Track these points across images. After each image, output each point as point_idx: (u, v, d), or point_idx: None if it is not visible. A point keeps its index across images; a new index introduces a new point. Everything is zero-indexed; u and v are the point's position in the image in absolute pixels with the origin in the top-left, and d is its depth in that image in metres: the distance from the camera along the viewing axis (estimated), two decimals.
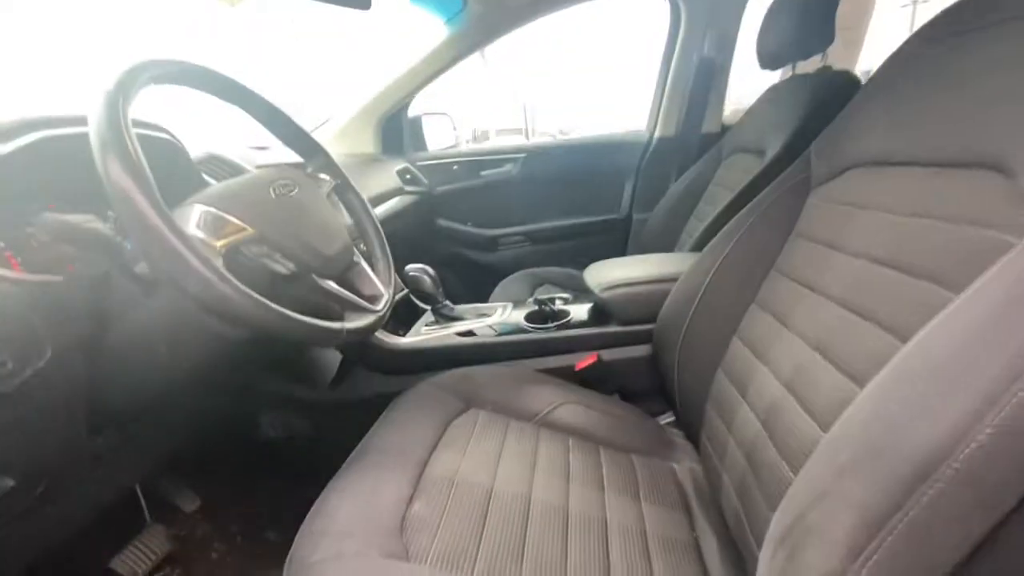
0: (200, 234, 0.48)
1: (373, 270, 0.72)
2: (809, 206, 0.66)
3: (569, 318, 0.97)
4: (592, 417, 0.82)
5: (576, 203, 1.75)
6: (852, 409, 0.37)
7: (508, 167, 1.74)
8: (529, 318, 0.99)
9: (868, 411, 0.35)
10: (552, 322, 0.98)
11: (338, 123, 1.64)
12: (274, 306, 0.47)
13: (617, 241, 1.75)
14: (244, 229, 0.51)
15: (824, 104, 1.01)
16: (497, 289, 1.51)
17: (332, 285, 0.59)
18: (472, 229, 1.78)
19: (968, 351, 0.31)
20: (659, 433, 0.83)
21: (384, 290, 0.69)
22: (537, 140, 2.04)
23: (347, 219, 0.78)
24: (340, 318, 0.60)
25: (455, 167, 1.75)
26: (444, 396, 0.81)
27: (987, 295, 0.33)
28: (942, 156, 0.46)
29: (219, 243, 0.48)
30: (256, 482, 1.09)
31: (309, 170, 0.73)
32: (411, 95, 1.63)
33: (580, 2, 1.45)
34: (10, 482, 0.51)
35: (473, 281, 1.81)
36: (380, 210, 1.42)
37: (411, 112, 1.74)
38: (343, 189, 0.75)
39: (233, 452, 1.09)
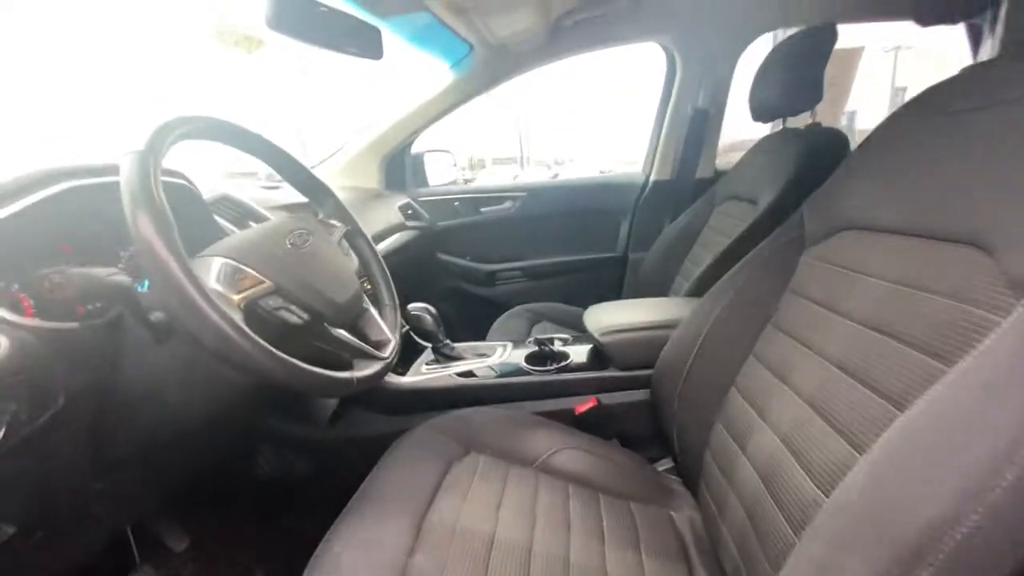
0: (219, 287, 0.49)
1: (380, 315, 0.73)
2: (803, 264, 0.68)
3: (569, 361, 0.98)
4: (591, 463, 0.82)
5: (573, 241, 1.78)
6: (851, 478, 0.39)
7: (508, 204, 1.78)
8: (529, 359, 1.01)
9: (866, 483, 0.36)
10: (552, 364, 1.00)
11: (344, 158, 1.68)
12: (290, 359, 0.48)
13: (613, 279, 1.78)
14: (262, 282, 0.52)
15: (813, 160, 1.05)
16: (495, 324, 1.52)
17: (343, 333, 0.61)
18: (471, 264, 1.81)
19: (958, 434, 0.33)
20: (657, 480, 0.84)
21: (391, 335, 0.70)
22: (536, 180, 2.09)
23: (355, 262, 0.80)
24: (349, 366, 0.61)
25: (456, 203, 1.79)
26: (444, 439, 0.81)
27: (975, 376, 0.35)
28: (930, 228, 0.49)
29: (237, 297, 0.49)
30: (248, 520, 1.07)
31: (320, 216, 0.75)
32: (415, 134, 1.67)
33: (582, 52, 1.52)
34: (10, 530, 0.51)
35: (471, 314, 1.83)
36: (383, 245, 1.44)
37: (414, 148, 1.79)
38: (353, 235, 0.77)
39: (226, 489, 1.08)
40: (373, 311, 0.71)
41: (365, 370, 0.60)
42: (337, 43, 0.95)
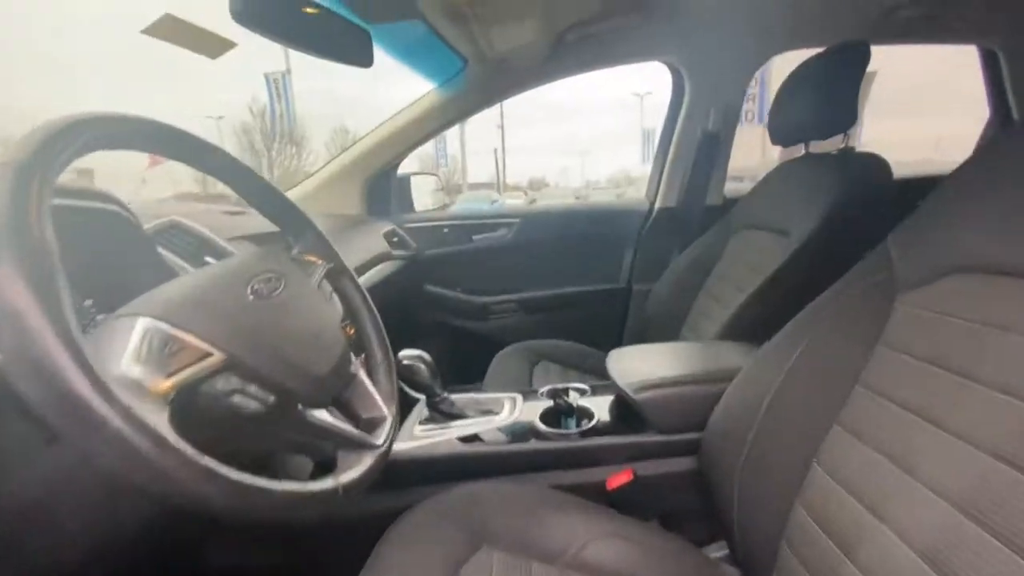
0: (136, 370, 0.32)
1: (371, 378, 0.57)
2: (900, 313, 0.56)
3: (595, 421, 0.83)
4: (632, 554, 0.66)
5: (573, 271, 1.65)
6: None
7: (502, 232, 1.65)
8: (545, 418, 0.85)
9: None
10: (572, 424, 0.84)
11: (321, 180, 1.53)
12: (245, 479, 0.32)
13: (616, 312, 1.64)
14: (208, 355, 0.36)
15: (854, 188, 0.95)
16: (492, 366, 1.36)
17: (323, 416, 0.44)
18: (462, 296, 1.66)
19: None
20: (712, 573, 0.68)
21: (386, 410, 0.54)
22: (533, 205, 1.98)
23: (339, 309, 0.64)
24: (330, 458, 0.44)
25: (445, 230, 1.64)
26: (448, 528, 0.64)
27: None
28: None
29: (168, 382, 0.33)
30: None
31: (295, 251, 0.59)
32: (402, 155, 1.54)
33: (584, 71, 1.42)
34: None
35: (462, 352, 1.67)
36: (365, 278, 1.28)
37: (399, 171, 1.64)
38: (337, 273, 0.61)
39: None
40: (363, 377, 0.54)
41: (353, 468, 0.43)
42: (319, 46, 0.81)
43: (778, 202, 1.13)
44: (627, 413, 0.84)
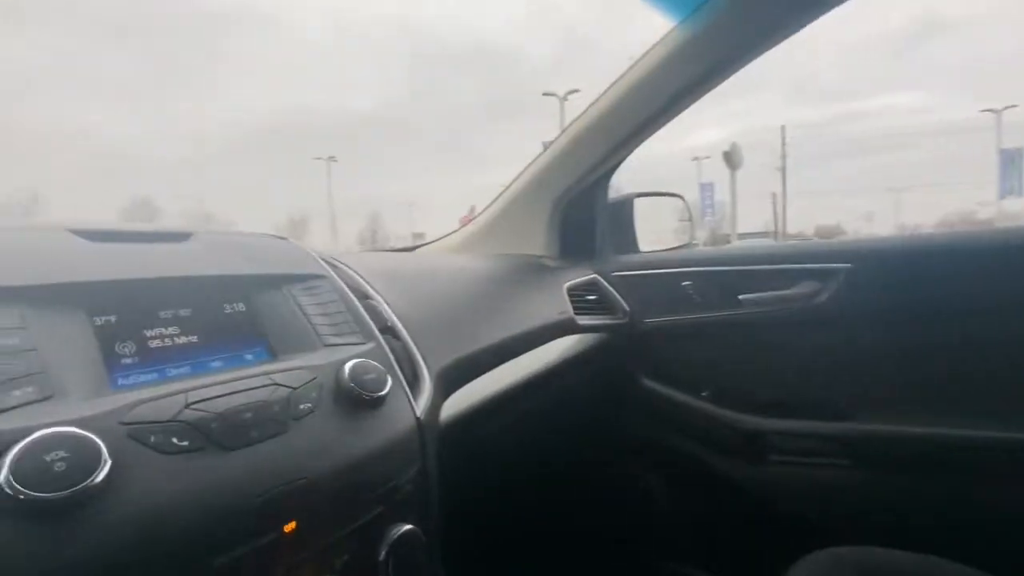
0: None
1: None
2: None
3: None
4: None
5: (974, 388, 0.70)
6: None
7: (806, 287, 0.83)
8: None
9: None
10: None
11: (499, 208, 1.04)
12: None
13: None
14: None
15: None
16: None
17: None
18: (711, 408, 0.90)
19: None
20: None
21: None
22: (879, 236, 1.07)
23: None
24: None
25: (686, 283, 0.92)
26: None
27: None
28: None
29: None
30: None
31: None
32: (614, 158, 0.93)
33: None
34: None
35: (703, 519, 0.90)
36: (530, 358, 0.71)
37: (613, 190, 1.04)
38: None
39: None
40: None
41: None
42: None
43: None
44: None
